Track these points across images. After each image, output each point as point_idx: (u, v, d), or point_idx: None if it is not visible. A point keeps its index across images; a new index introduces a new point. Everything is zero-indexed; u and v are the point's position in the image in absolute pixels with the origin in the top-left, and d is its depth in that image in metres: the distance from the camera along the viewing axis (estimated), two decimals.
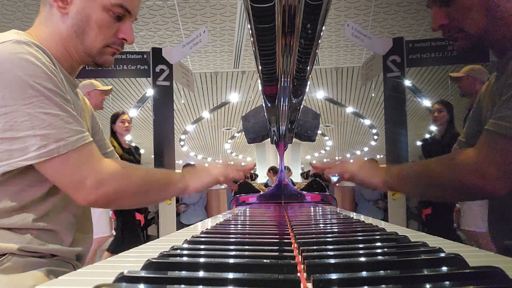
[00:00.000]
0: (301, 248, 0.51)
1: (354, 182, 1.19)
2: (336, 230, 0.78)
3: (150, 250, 0.62)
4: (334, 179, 1.28)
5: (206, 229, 0.78)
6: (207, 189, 1.11)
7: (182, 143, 12.85)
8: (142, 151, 4.08)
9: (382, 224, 0.86)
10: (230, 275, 0.39)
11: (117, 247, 3.38)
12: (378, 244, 0.59)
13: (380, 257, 0.47)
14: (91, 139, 0.85)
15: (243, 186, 3.14)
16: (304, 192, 1.84)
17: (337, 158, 18.57)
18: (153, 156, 4.79)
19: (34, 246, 0.84)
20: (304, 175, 9.31)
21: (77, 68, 0.99)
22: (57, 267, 0.87)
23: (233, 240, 0.66)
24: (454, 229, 3.46)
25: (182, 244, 0.59)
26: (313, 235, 0.68)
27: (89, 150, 0.84)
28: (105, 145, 1.20)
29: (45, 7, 0.92)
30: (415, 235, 0.68)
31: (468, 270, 0.39)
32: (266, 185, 7.46)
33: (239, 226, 0.94)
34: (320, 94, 8.44)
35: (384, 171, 1.10)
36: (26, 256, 0.83)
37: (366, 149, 16.07)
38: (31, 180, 0.84)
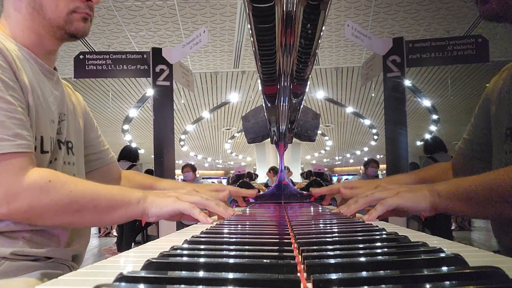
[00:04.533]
0: (301, 248, 0.51)
1: (395, 213, 0.93)
2: (336, 230, 0.78)
3: (150, 250, 0.62)
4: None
5: (206, 229, 0.78)
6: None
7: (182, 143, 12.85)
8: (142, 151, 4.08)
9: (382, 224, 0.86)
10: (230, 275, 0.39)
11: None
12: (378, 244, 0.59)
13: (380, 257, 0.47)
14: (22, 150, 0.77)
15: (243, 186, 3.15)
16: (304, 192, 1.83)
17: (339, 157, 18.53)
18: (153, 156, 4.79)
19: (27, 250, 0.81)
20: (304, 175, 9.31)
21: (54, 50, 0.95)
22: (52, 269, 0.85)
23: (233, 240, 0.66)
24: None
25: (182, 244, 0.59)
26: (313, 235, 0.68)
27: (11, 160, 0.75)
28: (100, 143, 1.17)
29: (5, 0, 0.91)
30: (415, 235, 0.68)
31: (468, 270, 0.39)
32: (266, 185, 7.46)
33: (239, 226, 0.94)
34: (320, 94, 8.45)
35: (428, 192, 0.89)
36: (20, 260, 0.80)
37: (366, 149, 16.09)
38: None
